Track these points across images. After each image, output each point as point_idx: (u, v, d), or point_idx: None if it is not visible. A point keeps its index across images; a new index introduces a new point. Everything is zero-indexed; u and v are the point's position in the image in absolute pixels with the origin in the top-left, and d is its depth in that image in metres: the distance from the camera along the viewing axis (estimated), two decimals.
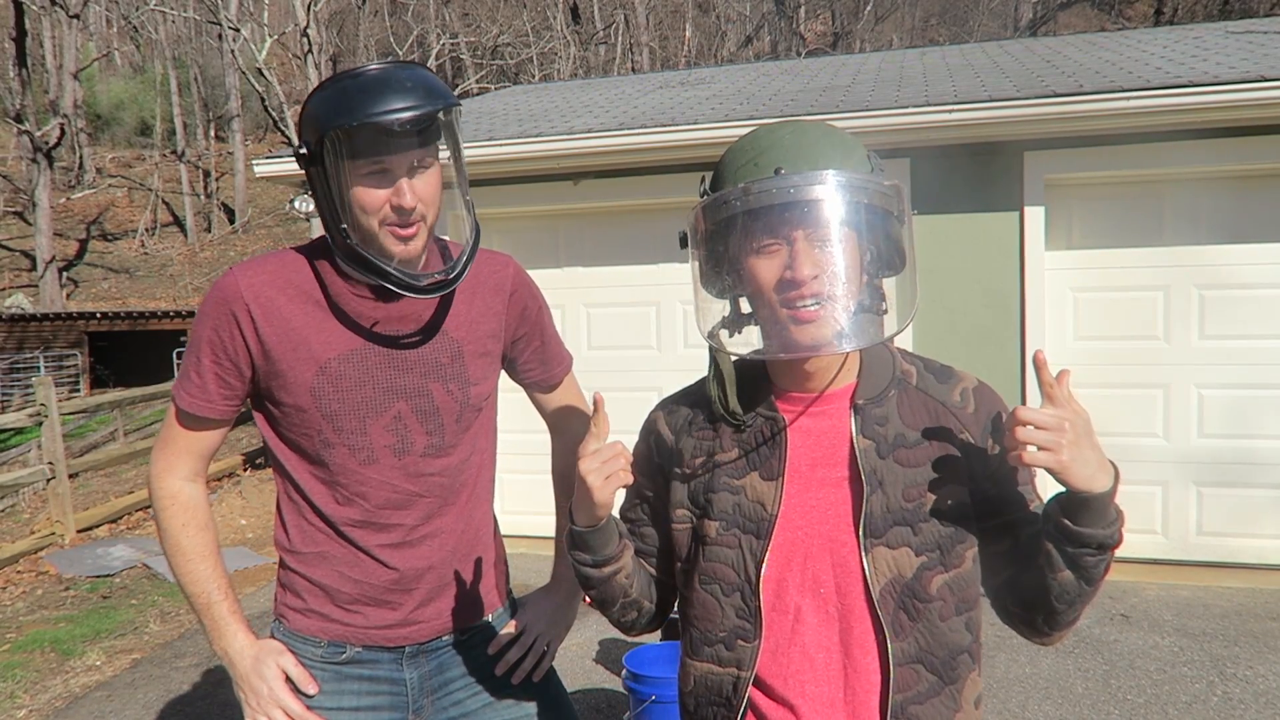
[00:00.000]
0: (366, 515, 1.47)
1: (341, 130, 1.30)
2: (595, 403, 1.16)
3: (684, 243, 1.18)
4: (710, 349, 1.20)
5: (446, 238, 1.62)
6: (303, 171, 1.40)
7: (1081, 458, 1.01)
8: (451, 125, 1.40)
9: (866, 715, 1.14)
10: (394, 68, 1.35)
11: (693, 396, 1.29)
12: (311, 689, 1.47)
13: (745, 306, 1.20)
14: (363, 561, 1.48)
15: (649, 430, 1.31)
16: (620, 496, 1.28)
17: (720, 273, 1.18)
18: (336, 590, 1.49)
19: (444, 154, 1.44)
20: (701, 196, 1.16)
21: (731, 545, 1.19)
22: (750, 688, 1.18)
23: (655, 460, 1.30)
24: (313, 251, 1.47)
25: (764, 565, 1.17)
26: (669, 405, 1.31)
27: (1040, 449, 1.01)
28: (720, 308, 1.21)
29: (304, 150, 1.36)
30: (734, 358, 1.21)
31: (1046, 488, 1.18)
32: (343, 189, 1.35)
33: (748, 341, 1.20)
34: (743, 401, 1.21)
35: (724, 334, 1.20)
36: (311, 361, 1.43)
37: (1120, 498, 1.08)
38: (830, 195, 1.05)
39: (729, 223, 1.11)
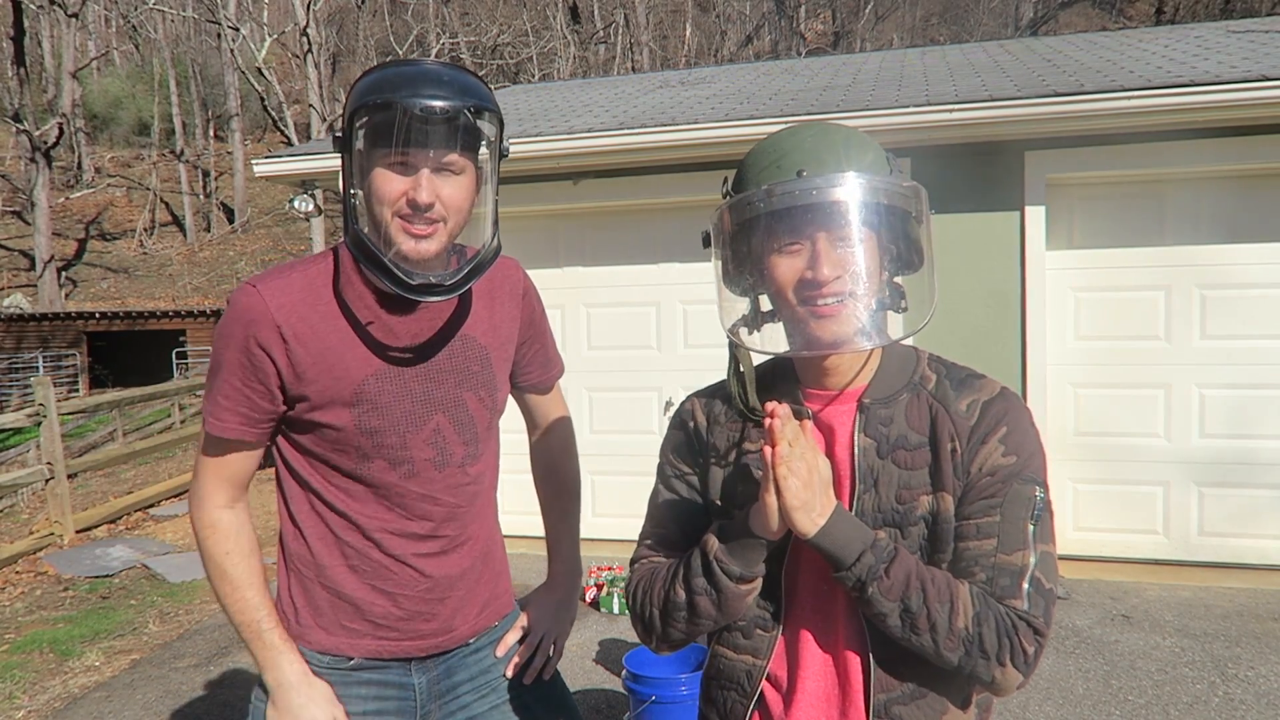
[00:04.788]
0: (404, 526, 1.45)
1: (369, 109, 1.27)
2: (773, 413, 1.11)
3: (707, 242, 1.19)
4: (730, 347, 1.21)
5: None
6: (324, 149, 1.37)
7: (785, 500, 1.05)
8: (481, 130, 1.34)
9: (854, 713, 1.15)
10: (440, 65, 1.32)
11: (724, 391, 1.29)
12: None
13: (765, 304, 1.21)
14: (397, 573, 1.45)
15: (686, 417, 1.30)
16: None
17: (743, 271, 1.19)
18: (369, 604, 1.45)
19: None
20: (724, 197, 1.17)
21: None
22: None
23: (694, 446, 1.29)
24: (338, 262, 1.42)
25: (785, 557, 1.18)
26: (702, 396, 1.31)
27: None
28: (744, 306, 1.22)
29: (338, 134, 1.33)
30: (755, 356, 1.22)
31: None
32: (365, 173, 1.31)
33: (768, 338, 1.20)
34: (769, 395, 1.22)
35: (744, 331, 1.21)
36: (349, 381, 1.38)
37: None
38: (850, 196, 1.07)
39: (752, 223, 1.13)
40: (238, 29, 24.15)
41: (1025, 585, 1.09)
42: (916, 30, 37.32)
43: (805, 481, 1.05)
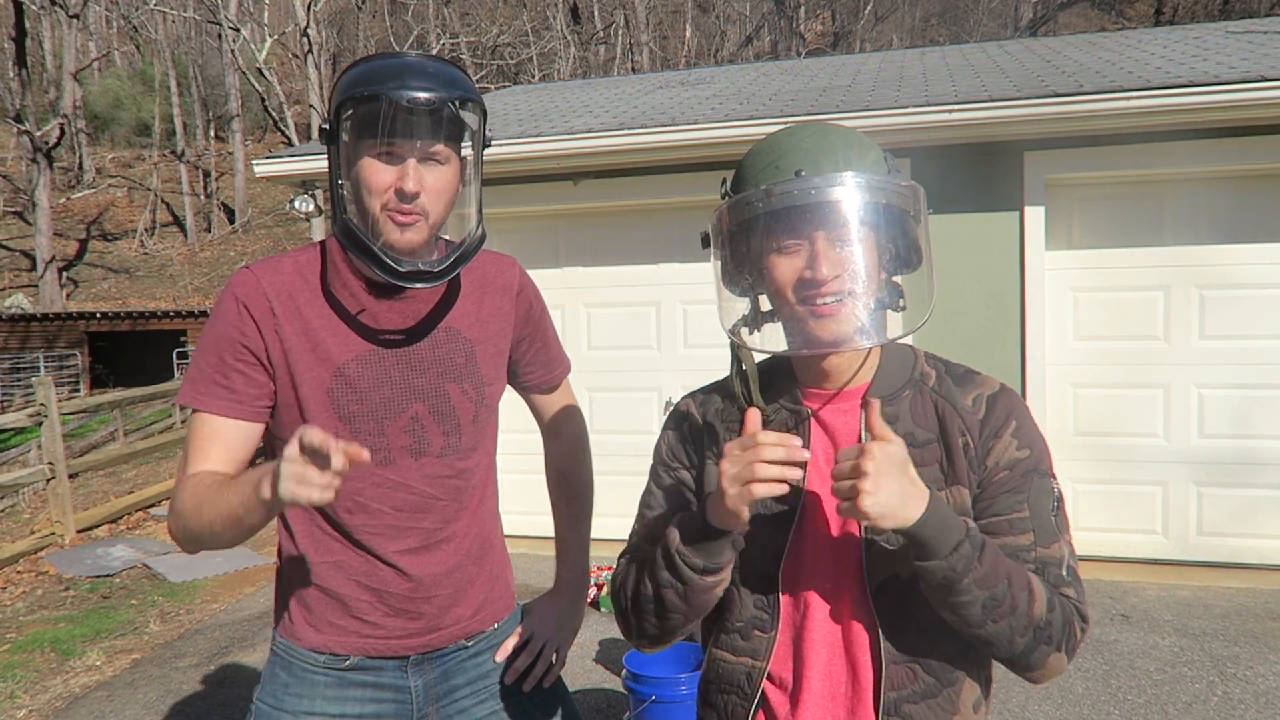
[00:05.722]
0: (382, 520, 1.44)
1: (356, 100, 1.30)
2: (749, 414, 1.08)
3: (706, 242, 1.19)
4: (732, 346, 1.21)
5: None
6: (324, 149, 1.39)
7: (882, 500, 0.99)
8: (464, 121, 1.37)
9: (863, 712, 1.14)
10: (425, 58, 1.35)
11: (722, 389, 1.29)
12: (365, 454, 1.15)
13: (765, 305, 1.21)
14: (380, 570, 1.45)
15: (681, 417, 1.30)
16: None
17: (742, 271, 1.20)
18: (355, 600, 1.45)
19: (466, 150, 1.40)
20: (723, 197, 1.18)
21: (753, 536, 1.19)
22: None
23: (691, 444, 1.28)
24: (326, 251, 1.45)
25: (784, 557, 1.18)
26: (699, 395, 1.31)
27: (845, 499, 1.01)
28: (743, 306, 1.22)
29: (325, 125, 1.35)
30: (758, 355, 1.21)
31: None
32: (352, 164, 1.34)
33: (768, 338, 1.21)
34: (767, 396, 1.22)
35: (744, 331, 1.21)
36: (329, 363, 1.41)
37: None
38: (849, 196, 1.07)
39: (751, 223, 1.13)
40: (238, 30, 24.16)
41: (1065, 574, 1.13)
42: (916, 31, 37.34)
43: (899, 473, 1.00)
